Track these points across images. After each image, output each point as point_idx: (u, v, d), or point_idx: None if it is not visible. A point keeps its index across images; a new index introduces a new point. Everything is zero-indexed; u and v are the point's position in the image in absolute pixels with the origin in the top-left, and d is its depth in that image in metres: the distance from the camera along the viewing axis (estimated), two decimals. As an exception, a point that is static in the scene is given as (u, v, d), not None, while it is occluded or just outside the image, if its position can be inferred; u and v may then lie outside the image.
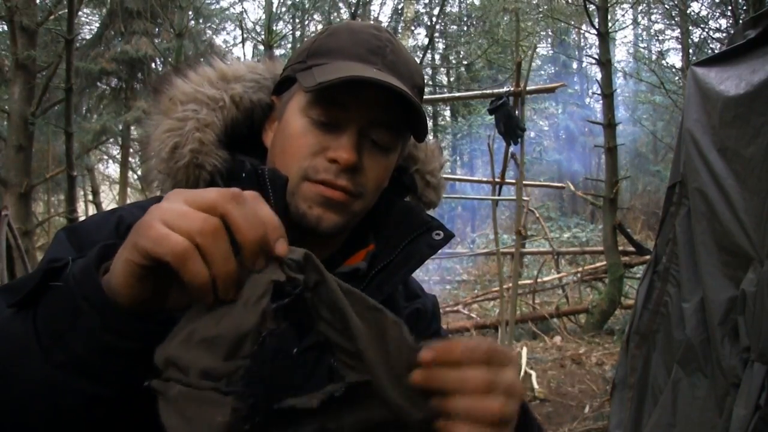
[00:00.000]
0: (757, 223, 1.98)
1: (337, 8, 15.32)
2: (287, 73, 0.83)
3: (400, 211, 0.86)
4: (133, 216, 0.77)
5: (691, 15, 10.77)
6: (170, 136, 0.77)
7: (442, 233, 0.84)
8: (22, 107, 5.70)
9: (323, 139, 0.77)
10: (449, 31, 19.07)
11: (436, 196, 0.93)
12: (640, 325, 2.53)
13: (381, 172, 0.80)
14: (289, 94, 0.81)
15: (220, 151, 0.78)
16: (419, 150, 0.92)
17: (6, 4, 5.48)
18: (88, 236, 0.74)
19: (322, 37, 0.83)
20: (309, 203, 0.77)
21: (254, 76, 0.86)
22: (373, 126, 0.77)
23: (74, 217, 5.56)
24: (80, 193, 13.36)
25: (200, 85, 0.81)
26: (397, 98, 0.75)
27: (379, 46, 0.79)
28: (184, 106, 0.79)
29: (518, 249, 4.75)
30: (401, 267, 0.81)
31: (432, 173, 0.92)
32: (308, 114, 0.77)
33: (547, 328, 6.76)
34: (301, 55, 0.82)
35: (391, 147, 0.80)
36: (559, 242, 10.89)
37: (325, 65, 0.76)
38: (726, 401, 2.07)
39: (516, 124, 4.40)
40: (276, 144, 0.81)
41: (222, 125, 0.80)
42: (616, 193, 6.44)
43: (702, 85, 2.32)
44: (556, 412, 4.37)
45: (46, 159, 9.88)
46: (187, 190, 0.52)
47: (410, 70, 0.81)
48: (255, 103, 0.84)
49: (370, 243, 0.85)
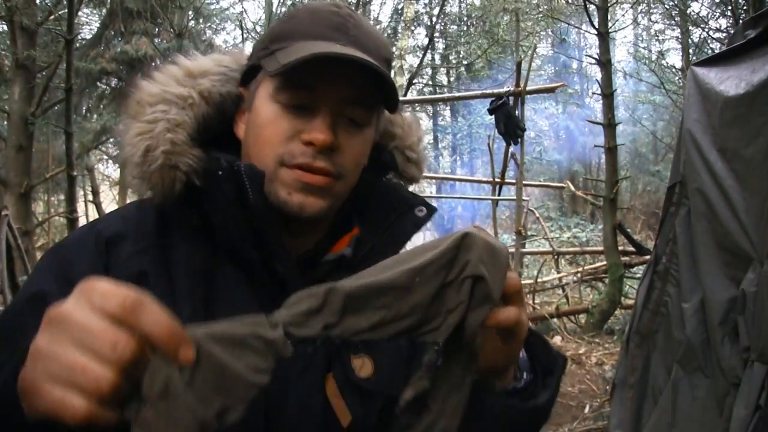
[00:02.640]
0: (757, 223, 1.98)
1: (337, 8, 15.29)
2: (252, 62, 0.81)
3: (382, 191, 0.85)
4: (110, 230, 0.77)
5: (691, 15, 10.77)
6: (141, 140, 0.75)
7: (425, 209, 0.83)
8: (22, 107, 5.70)
9: (296, 122, 0.75)
10: (449, 31, 19.06)
11: (418, 170, 0.92)
12: (640, 325, 2.53)
13: (359, 148, 0.79)
14: (256, 83, 0.80)
15: (193, 150, 0.76)
16: (396, 126, 0.89)
17: (6, 4, 5.48)
18: (70, 257, 0.75)
19: (282, 21, 0.81)
20: (288, 189, 0.75)
21: (221, 69, 0.84)
22: (344, 103, 0.76)
23: (74, 217, 5.55)
24: (80, 193, 13.34)
25: (167, 84, 0.79)
26: (365, 72, 0.73)
27: (341, 22, 0.77)
28: (152, 107, 0.77)
29: (518, 249, 4.75)
30: (387, 249, 0.79)
31: (411, 148, 0.91)
32: (277, 99, 0.76)
33: (547, 328, 6.76)
34: (263, 42, 0.80)
35: (365, 122, 0.79)
36: (559, 242, 10.89)
37: (287, 48, 0.75)
38: (726, 401, 2.06)
39: (516, 124, 4.40)
40: (249, 134, 0.80)
41: (193, 123, 0.78)
42: (616, 193, 6.44)
43: (702, 85, 2.32)
44: (556, 412, 4.36)
45: (46, 159, 9.88)
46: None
47: (375, 42, 0.80)
48: (224, 95, 0.83)
49: (354, 227, 0.84)
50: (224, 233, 0.76)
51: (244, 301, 0.76)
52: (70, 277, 0.72)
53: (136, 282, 0.72)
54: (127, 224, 0.78)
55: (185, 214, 0.78)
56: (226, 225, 0.75)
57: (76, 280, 0.71)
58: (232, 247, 0.76)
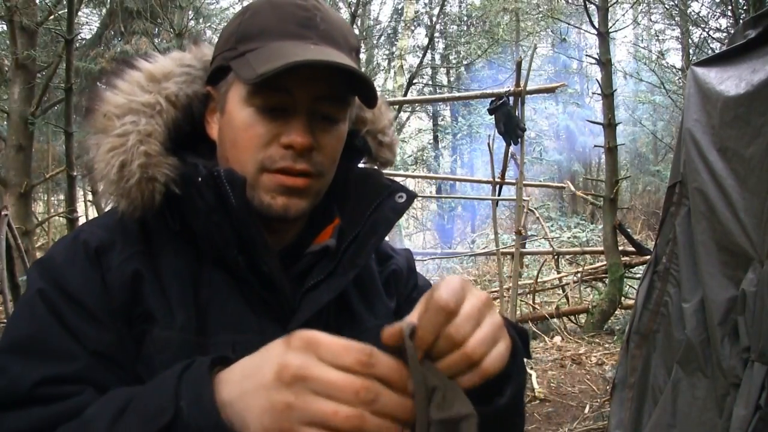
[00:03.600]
0: (757, 223, 1.98)
1: (336, 8, 15.30)
2: (219, 62, 0.79)
3: (359, 179, 0.86)
4: (96, 238, 0.76)
5: (691, 15, 10.77)
6: (115, 155, 0.74)
7: (405, 195, 0.83)
8: (22, 107, 5.70)
9: (273, 126, 0.75)
10: (449, 31, 19.05)
11: (391, 153, 0.92)
12: (640, 325, 2.53)
13: (335, 144, 0.79)
14: (226, 84, 0.79)
15: (168, 159, 0.75)
16: (366, 111, 0.89)
17: (6, 4, 5.48)
18: (62, 273, 0.72)
19: (245, 18, 0.79)
20: (272, 194, 0.76)
21: (183, 69, 0.82)
22: (319, 101, 0.76)
23: (74, 217, 5.55)
24: (80, 193, 13.35)
25: (131, 93, 0.78)
26: (339, 70, 0.73)
27: (308, 17, 0.76)
28: (121, 119, 0.75)
29: (518, 249, 4.74)
30: (370, 237, 0.80)
31: (383, 131, 0.91)
32: (252, 103, 0.75)
33: (547, 328, 6.75)
34: (229, 41, 0.79)
35: (340, 118, 0.79)
36: (559, 242, 10.89)
37: (258, 50, 0.74)
38: (726, 401, 2.06)
39: (516, 124, 4.40)
40: (225, 138, 0.79)
41: (164, 130, 0.77)
42: (616, 193, 6.44)
43: (702, 85, 2.32)
44: (556, 412, 4.36)
45: (46, 159, 9.89)
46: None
47: (344, 33, 0.79)
48: (191, 96, 0.82)
49: (336, 217, 0.84)
50: (207, 238, 0.76)
51: (233, 303, 0.76)
52: (65, 288, 0.71)
53: (130, 288, 0.72)
54: (112, 233, 0.77)
55: (166, 222, 0.77)
56: (209, 230, 0.75)
57: (73, 292, 0.71)
58: (216, 252, 0.76)
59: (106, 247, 0.75)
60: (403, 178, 13.02)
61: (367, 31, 16.20)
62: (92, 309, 0.71)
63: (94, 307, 0.71)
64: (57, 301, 0.70)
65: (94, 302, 0.71)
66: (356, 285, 0.85)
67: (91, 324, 0.70)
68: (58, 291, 0.71)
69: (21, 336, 0.69)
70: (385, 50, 17.89)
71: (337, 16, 0.81)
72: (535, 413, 4.29)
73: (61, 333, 0.69)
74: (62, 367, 0.67)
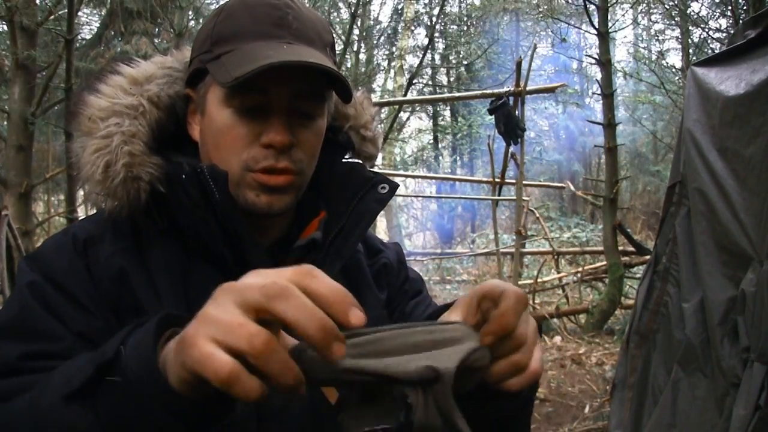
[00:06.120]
0: (757, 223, 1.98)
1: (337, 8, 15.30)
2: (196, 65, 0.81)
3: (342, 172, 0.87)
4: (85, 232, 0.78)
5: (691, 15, 10.76)
6: (99, 156, 0.76)
7: (387, 186, 0.85)
8: (22, 107, 5.69)
9: (252, 126, 0.77)
10: (449, 31, 19.05)
11: (375, 148, 0.94)
12: (640, 325, 2.53)
13: (314, 140, 0.81)
14: (204, 86, 0.80)
15: (152, 158, 0.77)
16: (348, 107, 0.91)
17: (6, 4, 5.48)
18: (50, 263, 0.75)
19: (219, 20, 0.80)
20: (256, 192, 0.78)
21: (165, 71, 0.84)
22: (296, 99, 0.77)
23: (74, 217, 5.56)
24: (80, 193, 13.35)
25: (114, 96, 0.79)
26: (314, 68, 0.74)
27: (281, 16, 0.77)
28: (105, 122, 0.77)
29: (518, 249, 4.75)
30: (354, 228, 0.83)
31: (366, 126, 0.93)
32: (230, 104, 0.77)
33: (547, 328, 6.75)
34: (204, 44, 0.80)
35: (317, 113, 0.81)
36: (559, 242, 10.88)
37: (233, 52, 0.75)
38: (726, 401, 2.06)
39: (516, 124, 4.40)
40: (206, 140, 0.81)
41: (147, 131, 0.79)
42: (616, 193, 6.44)
43: (702, 85, 2.32)
44: (556, 412, 4.37)
45: (46, 159, 9.88)
46: (231, 283, 0.48)
47: (317, 30, 0.81)
48: (173, 96, 0.83)
49: (321, 210, 0.86)
50: (194, 234, 0.78)
51: None
52: (52, 276, 0.74)
53: (117, 280, 0.74)
54: (102, 227, 0.79)
55: (154, 220, 0.79)
56: (195, 226, 0.77)
57: (59, 280, 0.73)
58: (203, 247, 0.78)
59: (95, 240, 0.77)
60: (403, 178, 13.01)
61: (367, 31, 16.19)
62: (78, 296, 0.73)
63: (80, 295, 0.73)
64: (44, 288, 0.73)
65: (80, 290, 0.73)
66: (344, 276, 0.87)
67: (77, 309, 0.73)
68: (45, 279, 0.73)
69: (8, 319, 0.72)
70: (385, 50, 17.90)
71: (311, 12, 0.82)
72: (535, 413, 4.29)
73: (47, 316, 0.71)
74: (47, 345, 0.69)
